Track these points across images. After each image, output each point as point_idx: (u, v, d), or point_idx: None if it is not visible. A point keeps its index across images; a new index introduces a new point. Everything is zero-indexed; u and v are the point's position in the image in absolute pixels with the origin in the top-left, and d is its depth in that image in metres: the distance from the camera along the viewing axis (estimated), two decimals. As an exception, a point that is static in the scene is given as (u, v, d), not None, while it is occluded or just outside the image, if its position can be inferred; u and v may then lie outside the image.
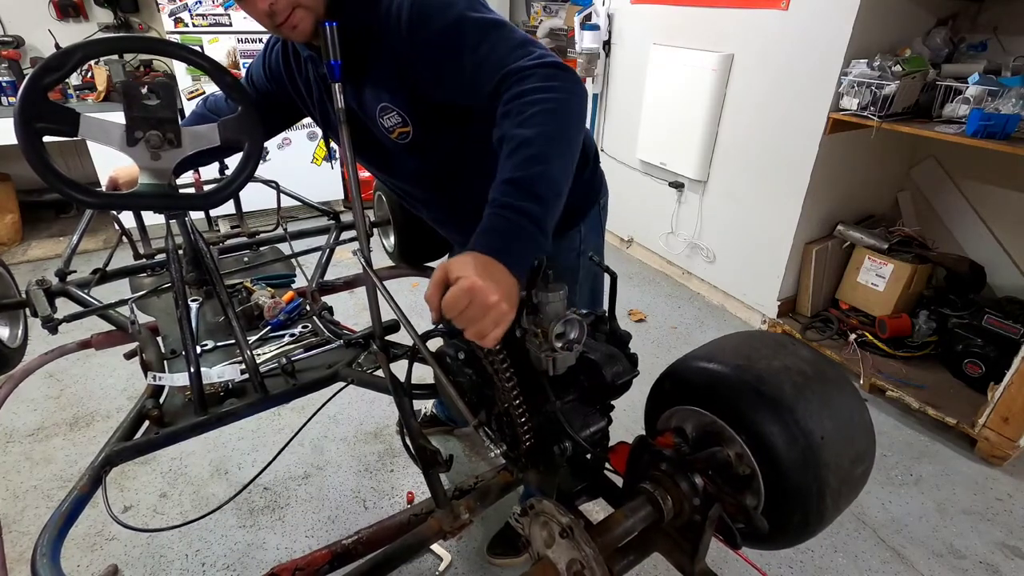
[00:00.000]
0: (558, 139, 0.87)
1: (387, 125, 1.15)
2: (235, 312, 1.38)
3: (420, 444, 1.08)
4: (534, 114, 0.87)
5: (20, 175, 4.06)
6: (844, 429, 0.84)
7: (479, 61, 0.97)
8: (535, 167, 0.83)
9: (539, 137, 0.85)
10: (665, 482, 0.84)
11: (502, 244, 0.79)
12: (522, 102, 0.89)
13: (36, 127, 0.96)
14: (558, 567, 0.75)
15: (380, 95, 1.12)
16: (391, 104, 1.11)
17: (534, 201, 0.81)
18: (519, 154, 0.84)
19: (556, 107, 0.88)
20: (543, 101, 0.88)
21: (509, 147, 0.86)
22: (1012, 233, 2.76)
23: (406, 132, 1.15)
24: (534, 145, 0.85)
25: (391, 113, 1.13)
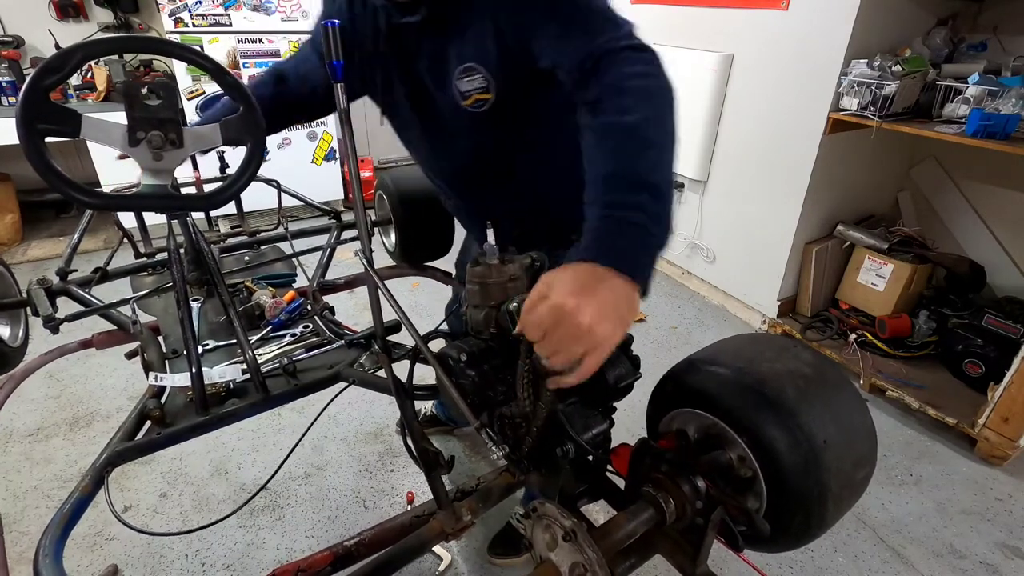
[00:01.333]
0: (662, 126, 0.78)
1: (465, 89, 1.03)
2: (236, 312, 1.38)
3: (422, 445, 1.08)
4: (634, 103, 0.78)
5: (20, 175, 4.05)
6: (846, 433, 0.84)
7: (572, 26, 0.89)
8: (643, 155, 0.74)
9: (643, 124, 0.76)
10: (667, 484, 0.84)
11: (611, 247, 0.69)
12: (619, 88, 0.80)
13: (38, 128, 0.96)
14: (561, 570, 0.75)
15: (466, 53, 1.01)
16: (478, 65, 1.00)
17: (647, 191, 0.71)
18: (621, 143, 0.76)
19: (655, 94, 0.80)
20: (641, 90, 0.80)
21: (608, 136, 0.78)
22: (1012, 233, 2.76)
23: (484, 100, 1.04)
24: (638, 133, 0.76)
25: (475, 76, 1.02)
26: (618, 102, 0.79)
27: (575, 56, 0.87)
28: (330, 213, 2.06)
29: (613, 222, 0.70)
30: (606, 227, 0.70)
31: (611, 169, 0.74)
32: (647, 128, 0.76)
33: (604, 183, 0.73)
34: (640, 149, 0.74)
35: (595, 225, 0.71)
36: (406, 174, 1.86)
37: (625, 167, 0.73)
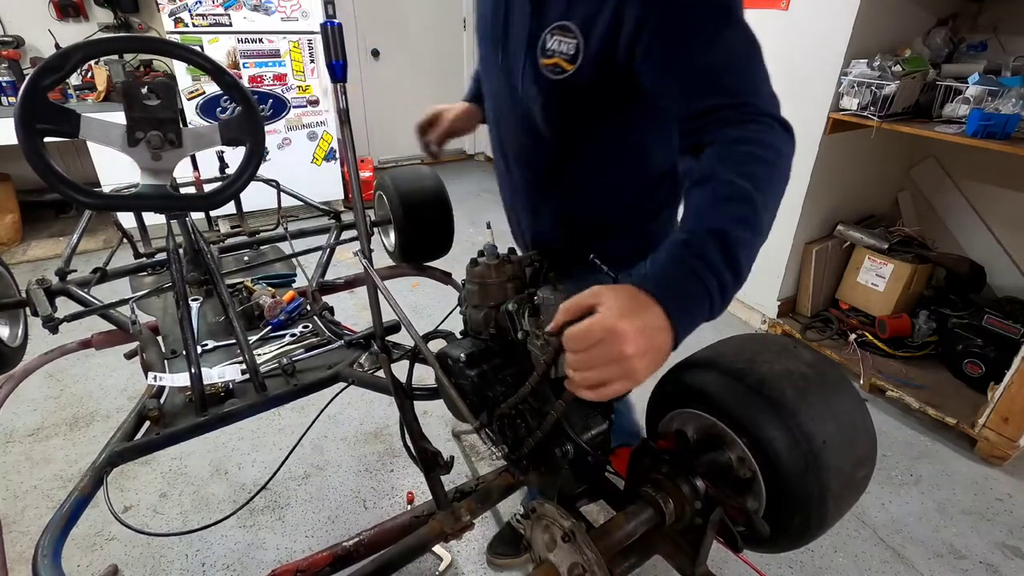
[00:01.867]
0: (772, 211, 0.75)
1: (550, 47, 0.94)
2: (236, 312, 1.38)
3: (421, 446, 1.08)
4: (762, 175, 0.74)
5: (20, 175, 4.06)
6: (846, 433, 0.83)
7: (719, 64, 0.80)
8: (747, 232, 0.70)
9: (761, 202, 0.72)
10: (666, 485, 0.84)
11: (680, 294, 0.67)
12: (755, 151, 0.75)
13: (37, 128, 0.96)
14: (560, 571, 0.75)
15: (566, 10, 0.91)
16: (574, 28, 0.90)
17: (732, 269, 0.69)
18: (734, 207, 0.71)
19: (782, 177, 0.77)
20: (776, 164, 0.76)
21: (722, 192, 0.73)
22: (1012, 233, 2.76)
23: (564, 69, 0.94)
24: (755, 208, 0.71)
25: (566, 38, 0.92)
26: (748, 166, 0.74)
27: (714, 97, 0.80)
28: (330, 213, 2.07)
29: (691, 273, 0.67)
30: (683, 273, 0.68)
31: (717, 226, 0.70)
32: (762, 208, 0.72)
33: (704, 235, 0.69)
34: (748, 224, 0.71)
35: (673, 262, 0.69)
36: (406, 174, 1.86)
37: (729, 233, 0.69)
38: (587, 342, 0.64)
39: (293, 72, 4.16)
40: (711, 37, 0.80)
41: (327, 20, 1.07)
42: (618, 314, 0.63)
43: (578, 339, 0.65)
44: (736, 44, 0.81)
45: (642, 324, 0.63)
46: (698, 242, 0.69)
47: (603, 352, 0.63)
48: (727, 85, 0.80)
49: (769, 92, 0.81)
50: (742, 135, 0.76)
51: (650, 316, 0.64)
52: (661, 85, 0.85)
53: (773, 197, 0.75)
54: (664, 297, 0.65)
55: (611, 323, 0.62)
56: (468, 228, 4.46)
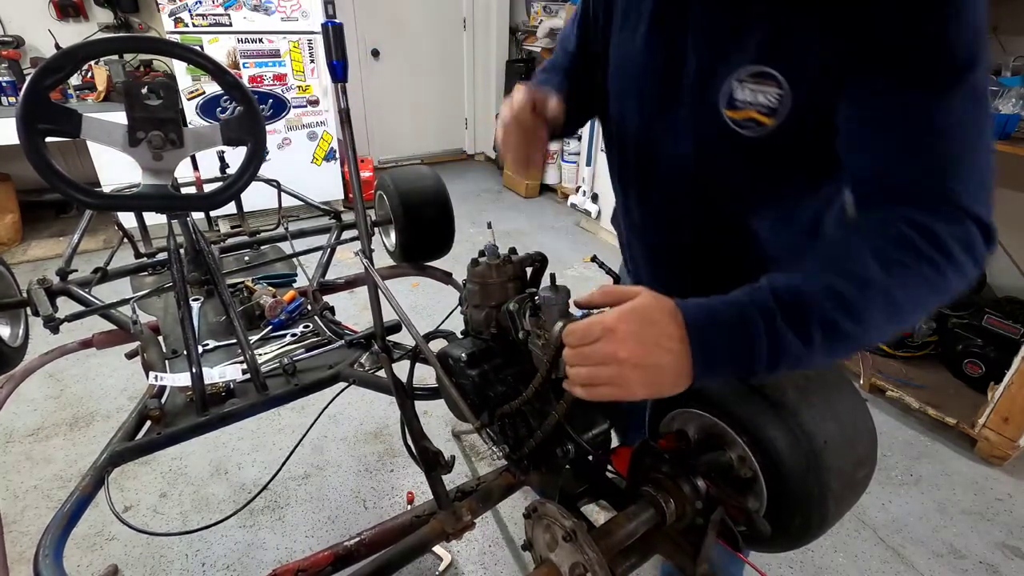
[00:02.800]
0: (892, 319, 0.61)
1: (741, 97, 0.75)
2: (236, 312, 1.38)
3: (422, 445, 1.08)
4: (909, 269, 0.61)
5: (20, 175, 4.06)
6: (847, 433, 0.83)
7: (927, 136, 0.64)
8: (840, 315, 0.59)
9: (881, 295, 0.60)
10: (667, 485, 0.84)
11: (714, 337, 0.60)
12: (913, 243, 0.61)
13: (38, 128, 0.96)
14: (561, 570, 0.75)
15: (766, 52, 0.72)
16: (776, 75, 0.71)
17: (798, 339, 0.59)
18: (842, 282, 0.60)
19: (935, 287, 0.62)
20: (934, 267, 0.61)
21: (841, 260, 0.62)
22: (1012, 233, 2.75)
23: (762, 124, 0.74)
24: (868, 295, 0.59)
25: (768, 86, 0.72)
26: (891, 250, 0.61)
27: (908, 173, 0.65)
28: (330, 213, 2.07)
29: (744, 320, 0.59)
30: (735, 315, 0.60)
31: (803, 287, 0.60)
32: (879, 300, 0.60)
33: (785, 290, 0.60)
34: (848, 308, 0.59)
35: (733, 303, 0.61)
36: (406, 174, 1.86)
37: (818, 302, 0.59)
38: (585, 339, 0.62)
39: (293, 72, 4.16)
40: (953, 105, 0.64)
41: (327, 20, 1.07)
42: (627, 317, 0.60)
43: (578, 334, 0.63)
44: (975, 128, 0.66)
45: (648, 335, 0.59)
46: (772, 300, 0.60)
47: (597, 350, 0.61)
48: (929, 165, 0.65)
49: (988, 198, 0.67)
50: (916, 219, 0.62)
51: (666, 334, 0.60)
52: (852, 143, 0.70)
53: (906, 299, 0.61)
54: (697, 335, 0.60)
55: (611, 323, 0.60)
56: (468, 228, 4.46)
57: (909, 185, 0.65)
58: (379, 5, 5.22)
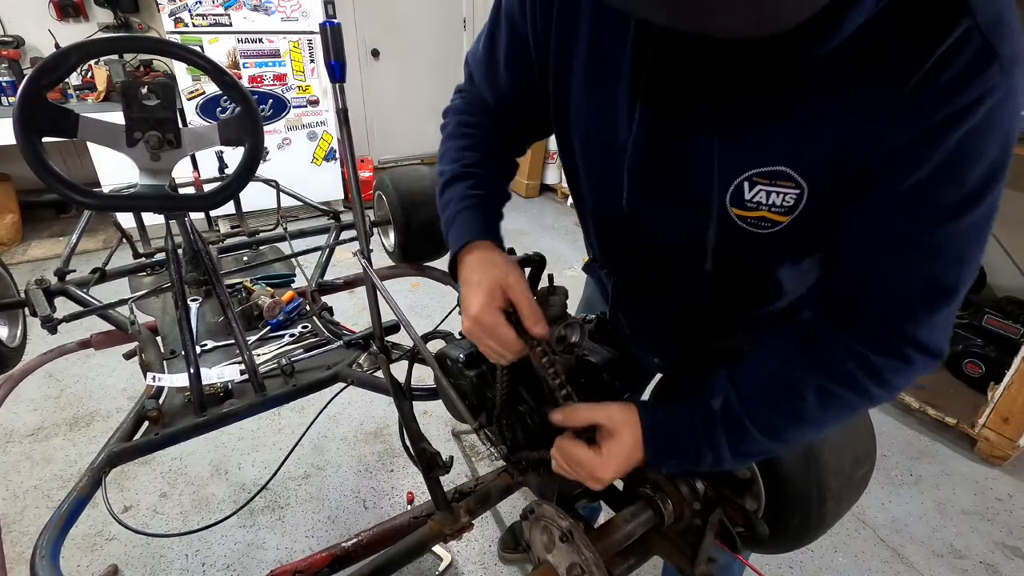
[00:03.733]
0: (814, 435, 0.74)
1: (753, 198, 0.67)
2: (235, 312, 1.38)
3: (420, 446, 1.08)
4: (845, 407, 0.67)
5: (20, 175, 4.06)
6: (845, 432, 0.83)
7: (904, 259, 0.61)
8: (771, 442, 0.70)
9: (811, 427, 0.70)
10: (665, 486, 0.84)
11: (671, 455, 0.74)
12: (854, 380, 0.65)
13: (36, 128, 0.96)
14: (558, 571, 0.75)
15: (790, 152, 0.63)
16: (797, 174, 0.63)
17: (734, 456, 0.72)
18: (780, 417, 0.69)
19: (864, 407, 0.69)
20: (869, 399, 0.67)
21: (781, 396, 0.69)
22: (1012, 233, 2.75)
23: (775, 222, 0.67)
24: (798, 429, 0.70)
25: (784, 187, 0.64)
26: (833, 385, 0.66)
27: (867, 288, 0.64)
28: (329, 213, 2.06)
29: (695, 442, 0.72)
30: (688, 439, 0.73)
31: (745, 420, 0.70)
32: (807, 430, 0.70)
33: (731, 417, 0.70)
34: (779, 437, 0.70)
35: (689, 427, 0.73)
36: (406, 174, 1.86)
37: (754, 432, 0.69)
38: (574, 465, 0.76)
39: (293, 72, 4.16)
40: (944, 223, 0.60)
41: (327, 20, 1.07)
42: (612, 461, 0.73)
43: (569, 457, 0.76)
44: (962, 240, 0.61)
45: (628, 466, 0.74)
46: (720, 426, 0.71)
47: (582, 474, 0.76)
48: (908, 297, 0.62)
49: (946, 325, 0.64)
50: (863, 355, 0.64)
51: (635, 454, 0.74)
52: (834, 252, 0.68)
53: (835, 424, 0.71)
54: (657, 455, 0.74)
55: (598, 472, 0.74)
56: (468, 228, 4.45)
57: (871, 316, 0.65)
58: (379, 5, 5.21)
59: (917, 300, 0.62)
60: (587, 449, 0.74)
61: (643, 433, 0.74)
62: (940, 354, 0.64)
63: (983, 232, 0.62)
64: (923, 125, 0.55)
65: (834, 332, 0.66)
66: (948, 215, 0.59)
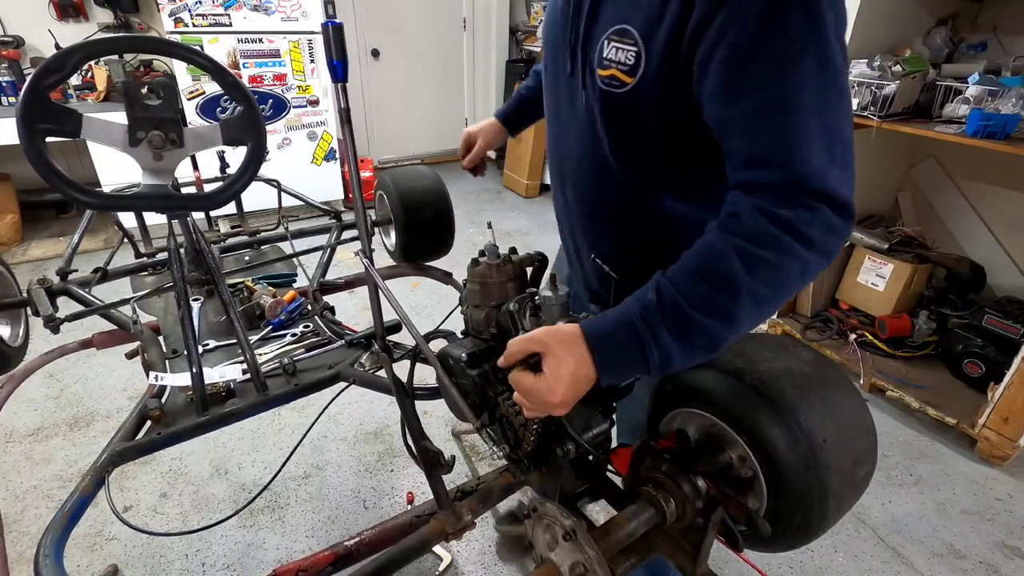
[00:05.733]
0: (761, 305, 0.69)
1: (607, 56, 0.80)
2: (236, 312, 1.38)
3: (422, 445, 1.08)
4: (771, 265, 0.67)
5: (20, 175, 4.06)
6: (846, 431, 0.84)
7: (772, 110, 0.67)
8: (714, 320, 0.68)
9: (748, 295, 0.67)
10: (667, 484, 0.84)
11: (618, 359, 0.71)
12: (773, 237, 0.66)
13: (39, 128, 0.96)
14: (561, 570, 0.75)
15: (632, 14, 0.76)
16: (633, 32, 0.76)
17: (683, 346, 0.69)
18: (713, 291, 0.67)
19: (799, 273, 0.68)
20: (794, 257, 0.67)
21: (711, 269, 0.68)
22: (1012, 233, 2.76)
23: (623, 82, 0.79)
24: (735, 299, 0.67)
25: (624, 44, 0.77)
26: (753, 247, 0.67)
27: (754, 149, 0.69)
28: (330, 213, 2.07)
29: (636, 338, 0.70)
30: (628, 334, 0.70)
31: (680, 301, 0.68)
32: (746, 299, 0.67)
33: (669, 301, 0.69)
34: (720, 312, 0.68)
35: (626, 322, 0.70)
36: (406, 174, 1.86)
37: (694, 313, 0.68)
38: (526, 394, 0.74)
39: (293, 72, 4.16)
40: (786, 76, 0.66)
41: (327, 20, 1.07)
42: (555, 380, 0.71)
43: (520, 388, 0.75)
44: (816, 97, 0.66)
45: (574, 381, 0.71)
46: (658, 314, 0.69)
47: (536, 401, 0.74)
48: (790, 147, 0.67)
49: (842, 171, 0.68)
50: (777, 211, 0.66)
51: (584, 371, 0.71)
52: (713, 114, 0.73)
53: (772, 292, 0.68)
54: (601, 357, 0.71)
55: (547, 397, 0.72)
56: (468, 228, 4.46)
57: (767, 174, 0.68)
58: (379, 5, 5.22)
59: (793, 151, 0.66)
60: (531, 375, 0.73)
61: (585, 344, 0.71)
62: (841, 202, 0.68)
63: (831, 81, 0.67)
64: None
65: (744, 200, 0.70)
66: (788, 63, 0.65)
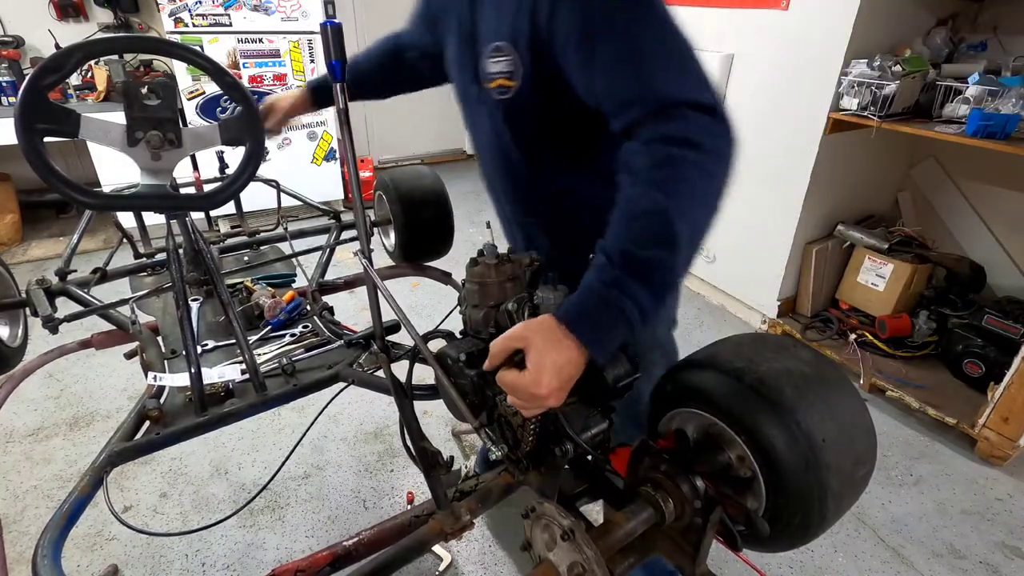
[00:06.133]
0: (695, 225, 0.72)
1: (491, 70, 0.94)
2: (235, 312, 1.37)
3: (421, 446, 1.08)
4: (678, 179, 0.71)
5: (20, 175, 4.06)
6: (845, 431, 0.83)
7: (630, 57, 0.77)
8: (660, 250, 0.70)
9: (676, 213, 0.70)
10: (666, 484, 0.84)
11: (596, 326, 0.72)
12: (663, 155, 0.72)
13: (37, 128, 0.96)
14: (559, 570, 0.75)
15: (506, 28, 0.90)
16: (510, 46, 0.90)
17: (647, 288, 0.70)
18: (646, 227, 0.71)
19: (702, 175, 0.73)
20: (693, 164, 0.72)
21: (637, 208, 0.72)
22: (1012, 233, 2.76)
23: (507, 87, 0.94)
24: (667, 221, 0.70)
25: (501, 57, 0.92)
26: (656, 173, 0.72)
27: (630, 92, 0.77)
28: (329, 213, 2.06)
29: (605, 301, 0.71)
30: (599, 303, 0.72)
31: (627, 249, 0.71)
32: (678, 219, 0.70)
33: (618, 257, 0.71)
34: (658, 242, 0.70)
35: (590, 295, 0.73)
36: (406, 174, 1.86)
37: (641, 256, 0.70)
38: (513, 392, 0.75)
39: (293, 72, 4.16)
40: (621, 30, 0.77)
41: (327, 20, 1.07)
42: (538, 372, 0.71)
43: (507, 387, 0.76)
44: (650, 35, 0.77)
45: (557, 369, 0.71)
46: (613, 270, 0.71)
47: (524, 397, 0.75)
48: (643, 79, 0.76)
49: (695, 81, 0.76)
50: (658, 133, 0.73)
51: (566, 355, 0.72)
52: (583, 86, 0.83)
53: (694, 202, 0.72)
54: (581, 334, 0.72)
55: (533, 389, 0.72)
56: (468, 228, 4.46)
57: (640, 105, 0.76)
58: (379, 5, 5.21)
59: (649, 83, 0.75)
60: (515, 372, 0.74)
61: (563, 328, 0.72)
62: (704, 105, 0.74)
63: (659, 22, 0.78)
64: None
65: (631, 144, 0.76)
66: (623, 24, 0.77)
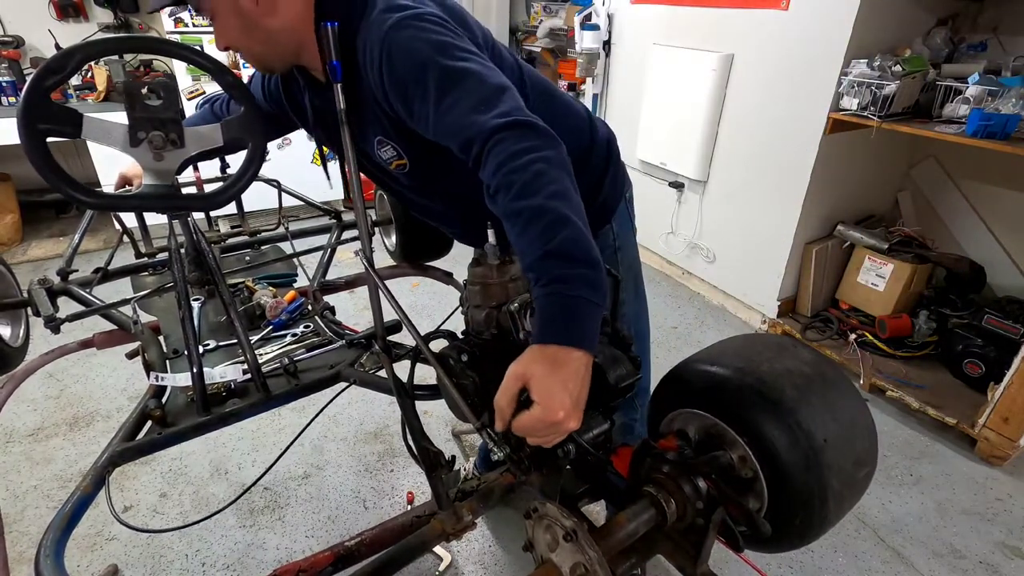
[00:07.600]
0: (565, 196, 0.81)
1: (385, 157, 1.15)
2: (237, 312, 1.37)
3: (423, 446, 1.08)
4: (528, 180, 0.81)
5: (20, 175, 4.05)
6: (846, 431, 0.84)
7: (441, 113, 0.92)
8: (562, 231, 0.77)
9: (548, 202, 0.79)
10: (668, 485, 0.84)
11: (567, 327, 0.75)
12: (509, 171, 0.83)
13: (39, 128, 0.96)
14: (562, 571, 0.75)
15: (376, 128, 1.11)
16: (385, 138, 1.11)
17: (581, 264, 0.77)
18: (537, 225, 0.78)
19: (546, 166, 0.82)
20: (530, 164, 0.82)
21: (521, 222, 0.80)
22: (1012, 233, 2.76)
23: (403, 164, 1.15)
24: (548, 211, 0.78)
25: (387, 147, 1.13)
26: (514, 187, 0.81)
27: (455, 142, 0.92)
28: (330, 213, 2.06)
29: (561, 301, 0.75)
30: (557, 306, 0.75)
31: (540, 252, 0.77)
32: (555, 205, 0.79)
33: (540, 264, 0.77)
34: (559, 226, 0.77)
35: (546, 304, 0.76)
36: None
37: (553, 247, 0.76)
38: (536, 432, 0.76)
39: (293, 72, 4.15)
40: (421, 90, 0.93)
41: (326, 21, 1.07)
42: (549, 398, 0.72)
43: (528, 430, 0.76)
44: (445, 83, 0.91)
45: (564, 386, 0.73)
46: (543, 271, 0.77)
47: (545, 430, 0.75)
48: (456, 122, 0.90)
49: (488, 109, 0.88)
50: (499, 158, 0.84)
51: (565, 368, 0.73)
52: (439, 141, 0.96)
53: (551, 181, 0.81)
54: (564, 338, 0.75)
55: (549, 418, 0.72)
56: (468, 228, 4.45)
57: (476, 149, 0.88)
58: (379, 5, 5.21)
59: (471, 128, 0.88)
60: (527, 412, 0.75)
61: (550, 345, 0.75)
62: (519, 121, 0.86)
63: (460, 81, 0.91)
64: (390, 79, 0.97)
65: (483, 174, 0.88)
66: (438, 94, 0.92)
